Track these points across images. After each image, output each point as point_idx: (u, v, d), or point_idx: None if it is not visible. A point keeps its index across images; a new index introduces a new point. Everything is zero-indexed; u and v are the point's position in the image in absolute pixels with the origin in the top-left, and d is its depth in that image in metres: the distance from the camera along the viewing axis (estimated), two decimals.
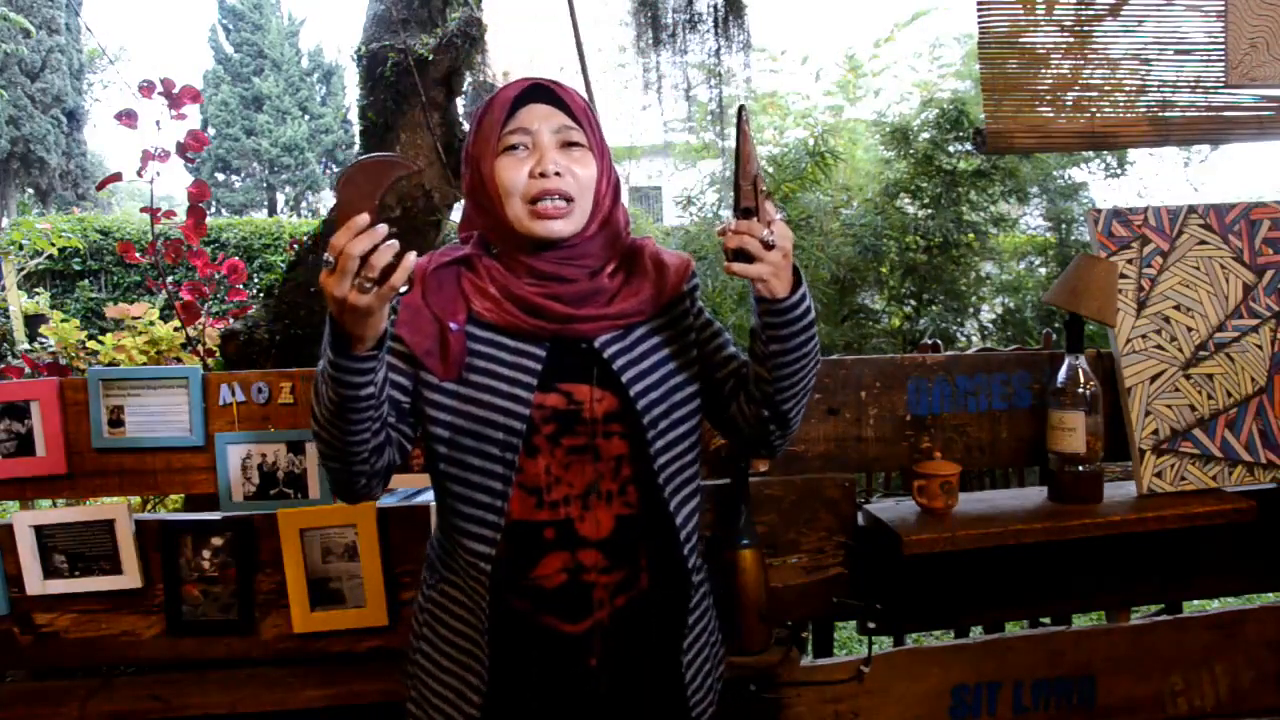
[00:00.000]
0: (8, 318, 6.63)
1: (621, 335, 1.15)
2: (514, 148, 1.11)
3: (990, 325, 5.49)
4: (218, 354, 2.52)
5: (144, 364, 2.65)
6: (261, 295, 2.59)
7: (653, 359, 1.16)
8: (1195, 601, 2.21)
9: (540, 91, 1.13)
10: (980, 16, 1.91)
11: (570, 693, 1.14)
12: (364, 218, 0.91)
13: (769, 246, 1.00)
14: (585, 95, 1.23)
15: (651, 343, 1.17)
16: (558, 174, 1.09)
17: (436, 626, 1.18)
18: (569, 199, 1.10)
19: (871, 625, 1.76)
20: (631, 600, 1.15)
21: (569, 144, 1.12)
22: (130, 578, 1.65)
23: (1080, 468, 1.76)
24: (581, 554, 1.12)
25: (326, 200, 21.00)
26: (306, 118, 21.08)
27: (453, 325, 1.10)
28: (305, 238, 2.57)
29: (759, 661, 1.62)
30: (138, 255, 2.60)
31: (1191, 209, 1.90)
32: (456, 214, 2.74)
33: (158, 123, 2.46)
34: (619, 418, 1.13)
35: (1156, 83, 1.95)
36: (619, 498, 1.13)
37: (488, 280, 1.13)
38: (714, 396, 1.21)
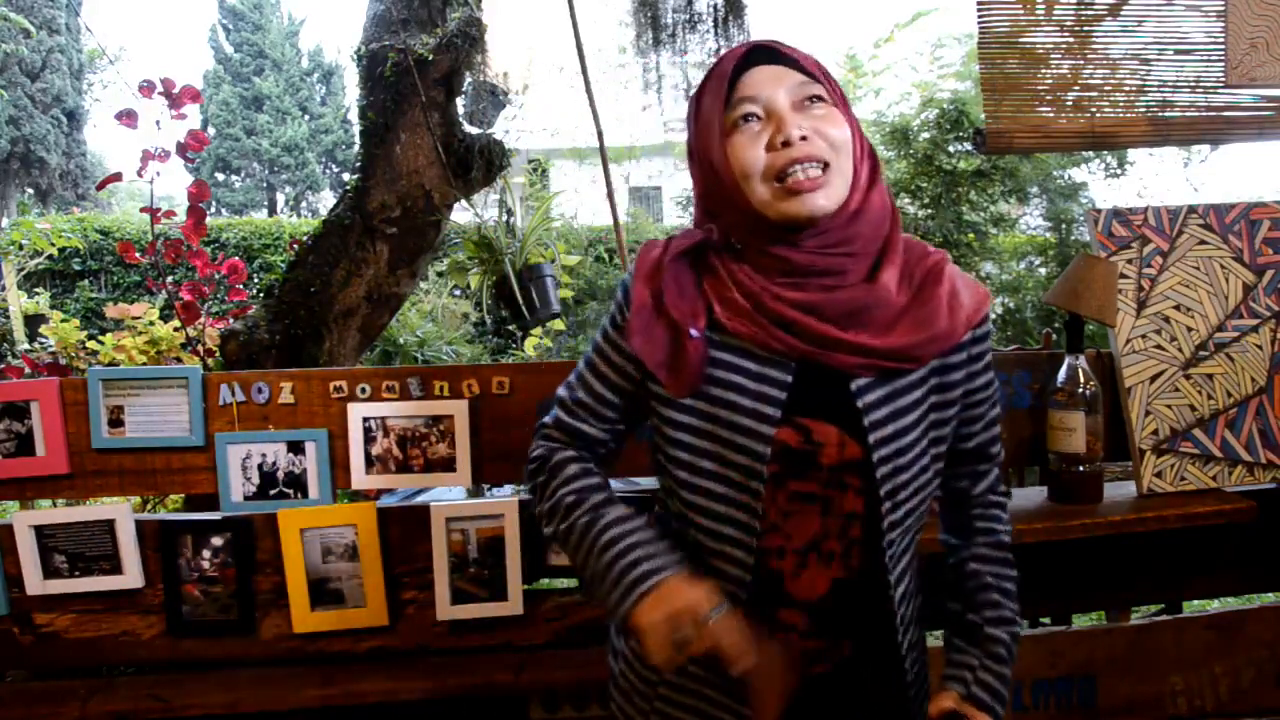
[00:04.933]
0: (8, 318, 6.62)
1: (882, 381, 0.94)
2: (744, 120, 0.92)
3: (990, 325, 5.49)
4: (218, 354, 2.52)
5: (144, 364, 2.65)
6: (261, 295, 2.59)
7: (911, 416, 0.96)
8: (1195, 601, 2.21)
9: (762, 54, 0.94)
10: (980, 16, 1.91)
11: None
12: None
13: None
14: (589, 97, 1.17)
15: (914, 396, 0.96)
16: (804, 138, 0.89)
17: (683, 680, 1.03)
18: (824, 164, 0.90)
19: None
20: (832, 669, 1.02)
21: (809, 100, 0.92)
22: (130, 578, 1.65)
23: (1080, 468, 1.76)
24: (784, 613, 0.99)
25: (326, 200, 21.00)
26: (306, 118, 21.08)
27: (693, 332, 0.94)
28: (305, 238, 2.57)
29: None
30: (138, 255, 2.60)
31: (1191, 209, 1.89)
32: (457, 214, 2.73)
33: (158, 123, 2.46)
34: (860, 470, 0.95)
35: (1156, 83, 1.95)
36: (841, 560, 0.98)
37: (732, 286, 0.95)
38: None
